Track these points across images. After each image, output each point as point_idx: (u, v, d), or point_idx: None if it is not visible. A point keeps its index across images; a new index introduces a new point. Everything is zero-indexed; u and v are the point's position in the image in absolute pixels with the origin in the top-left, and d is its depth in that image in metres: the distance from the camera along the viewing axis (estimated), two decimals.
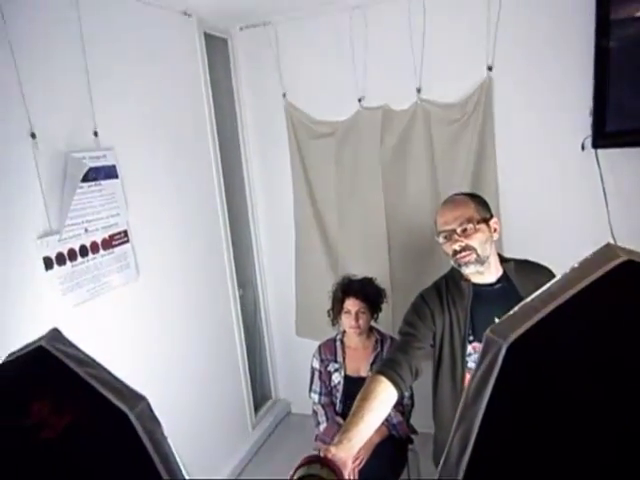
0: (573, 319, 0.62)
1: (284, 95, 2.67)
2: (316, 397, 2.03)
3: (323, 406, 2.00)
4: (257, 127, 2.81)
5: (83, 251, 1.77)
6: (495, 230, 1.40)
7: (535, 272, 1.43)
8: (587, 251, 1.42)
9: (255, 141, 2.84)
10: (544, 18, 2.14)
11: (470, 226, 1.35)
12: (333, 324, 2.12)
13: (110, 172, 1.89)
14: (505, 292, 1.38)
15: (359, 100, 2.50)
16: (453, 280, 1.46)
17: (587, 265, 0.64)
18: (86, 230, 1.78)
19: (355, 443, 1.10)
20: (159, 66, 2.17)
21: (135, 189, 2.01)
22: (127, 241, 1.97)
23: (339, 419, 1.95)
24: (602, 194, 2.16)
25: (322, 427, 1.94)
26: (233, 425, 2.73)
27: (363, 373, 1.99)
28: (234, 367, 2.74)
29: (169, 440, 1.00)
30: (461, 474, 0.81)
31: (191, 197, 2.39)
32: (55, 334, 1.15)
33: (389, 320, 2.50)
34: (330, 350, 2.06)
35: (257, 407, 2.97)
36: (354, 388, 1.97)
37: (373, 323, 2.07)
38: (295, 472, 1.01)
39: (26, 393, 1.06)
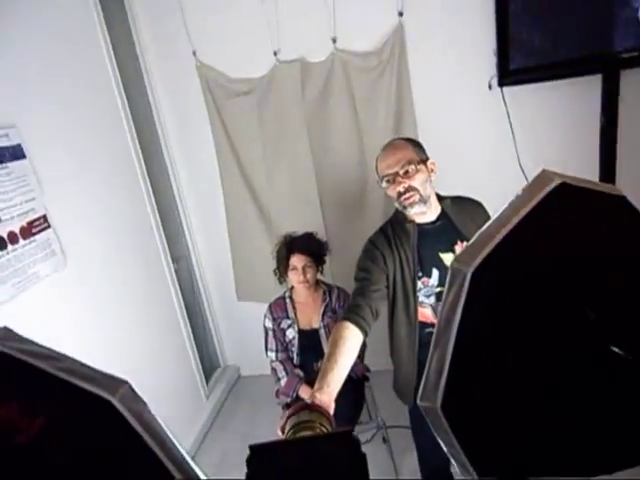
0: (523, 241, 0.70)
1: (194, 53, 2.52)
2: (273, 355, 2.07)
3: (281, 362, 2.05)
4: (169, 91, 2.65)
5: (1, 243, 1.60)
6: (432, 170, 1.47)
7: (469, 207, 1.54)
8: (501, 183, 1.55)
9: (169, 106, 2.68)
10: None
11: (412, 167, 1.41)
12: (280, 282, 2.14)
13: (16, 152, 1.70)
14: (445, 228, 1.48)
15: (275, 53, 2.44)
16: (398, 222, 1.52)
17: (529, 191, 0.72)
18: None
19: (334, 386, 1.16)
20: (53, 30, 1.94)
21: (47, 169, 1.83)
22: (48, 227, 1.81)
23: (298, 371, 2.02)
24: (509, 129, 2.34)
25: (283, 382, 1.99)
26: (187, 398, 2.71)
27: (315, 325, 2.06)
28: (179, 342, 2.68)
29: (158, 418, 0.99)
30: (440, 395, 0.89)
31: (109, 172, 2.22)
32: (6, 333, 1.06)
33: (327, 271, 2.57)
34: (281, 308, 2.09)
35: (207, 377, 2.96)
36: (309, 340, 2.04)
37: (318, 275, 2.12)
38: (286, 422, 1.05)
39: None
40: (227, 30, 2.48)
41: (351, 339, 1.29)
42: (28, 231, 1.72)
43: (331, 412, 1.11)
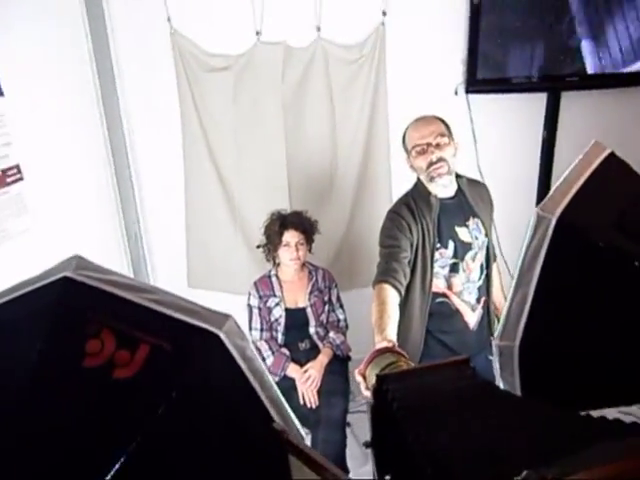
0: (592, 193, 0.83)
1: (169, 19, 2.38)
2: (257, 334, 2.00)
3: (266, 341, 1.99)
4: (135, 56, 2.44)
5: None
6: (457, 149, 1.58)
7: (478, 187, 1.69)
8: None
9: (132, 72, 2.47)
10: None
11: (445, 139, 1.51)
12: (268, 260, 2.09)
13: None
14: (461, 204, 1.61)
15: (257, 33, 2.40)
16: (420, 195, 1.60)
17: (589, 155, 0.87)
18: None
19: (394, 337, 1.21)
20: None
21: (22, 114, 1.60)
22: (21, 178, 1.57)
23: (284, 350, 1.98)
24: (470, 132, 2.58)
25: (269, 361, 1.94)
26: None
27: (302, 304, 2.04)
28: None
29: (258, 356, 0.96)
30: (520, 333, 0.98)
31: (75, 134, 2.02)
32: (80, 261, 0.95)
33: None
34: (267, 286, 2.04)
35: None
36: (295, 319, 2.03)
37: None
38: (366, 368, 1.05)
39: (72, 332, 0.87)
40: (206, 1, 2.39)
41: (393, 299, 1.36)
42: (3, 180, 1.48)
43: None
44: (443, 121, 1.62)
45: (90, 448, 0.71)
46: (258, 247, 2.14)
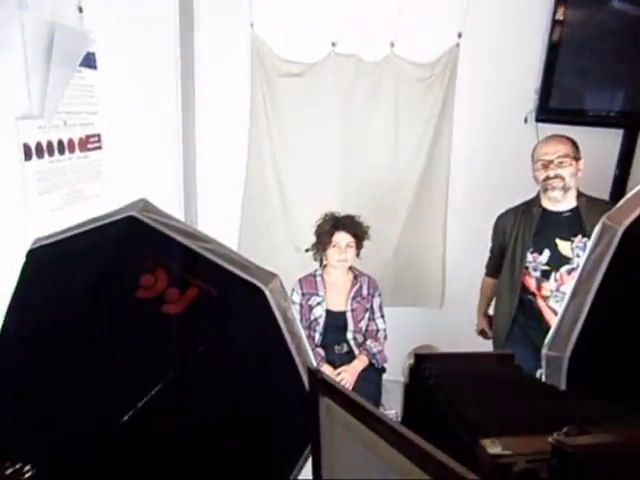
0: None
1: (252, 25, 2.51)
2: None
3: None
4: (216, 55, 2.59)
5: (60, 147, 1.47)
6: (580, 169, 1.71)
7: (605, 208, 1.67)
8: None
9: (211, 71, 2.61)
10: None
11: (566, 160, 1.65)
12: (315, 259, 2.11)
13: (89, 60, 1.59)
14: (571, 220, 1.71)
15: (333, 44, 2.48)
16: (528, 205, 1.83)
17: None
18: (65, 123, 1.49)
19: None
20: None
21: (109, 89, 1.72)
22: (100, 147, 1.69)
23: (320, 350, 1.97)
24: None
25: None
26: None
27: (343, 307, 2.03)
28: None
29: (297, 320, 0.95)
30: (571, 345, 0.92)
31: (153, 117, 2.15)
32: (147, 205, 0.99)
33: None
34: (311, 285, 2.05)
35: None
36: (335, 321, 2.01)
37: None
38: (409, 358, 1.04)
39: (130, 265, 0.90)
40: (288, 11, 2.51)
41: (489, 286, 2.01)
42: (84, 144, 1.60)
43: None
44: (573, 142, 1.73)
45: (131, 371, 0.74)
46: (307, 251, 2.15)
